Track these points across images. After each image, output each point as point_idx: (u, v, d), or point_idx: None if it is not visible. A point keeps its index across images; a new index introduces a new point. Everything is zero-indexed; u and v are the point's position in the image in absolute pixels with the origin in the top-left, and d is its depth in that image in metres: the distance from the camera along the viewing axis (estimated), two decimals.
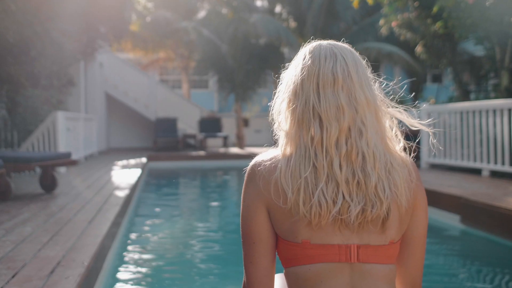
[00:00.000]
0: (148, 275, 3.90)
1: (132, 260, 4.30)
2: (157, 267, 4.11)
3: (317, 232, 1.24)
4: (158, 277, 3.86)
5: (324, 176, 1.23)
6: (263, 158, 1.34)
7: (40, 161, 5.47)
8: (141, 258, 4.39)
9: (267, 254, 1.33)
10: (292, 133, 1.30)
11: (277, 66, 18.95)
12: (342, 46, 1.35)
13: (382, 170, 1.26)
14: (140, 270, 4.04)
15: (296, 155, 1.27)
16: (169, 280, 3.81)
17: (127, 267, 4.09)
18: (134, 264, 4.18)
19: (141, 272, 3.98)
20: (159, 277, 3.86)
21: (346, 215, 1.22)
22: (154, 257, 4.41)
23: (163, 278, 3.87)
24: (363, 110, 1.28)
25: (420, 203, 1.35)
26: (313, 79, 1.28)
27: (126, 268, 4.06)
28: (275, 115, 1.37)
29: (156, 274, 3.93)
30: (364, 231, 1.25)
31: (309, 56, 1.32)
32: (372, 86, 1.34)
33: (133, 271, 4.01)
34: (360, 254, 1.25)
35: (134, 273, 3.97)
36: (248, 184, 1.33)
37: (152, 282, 3.74)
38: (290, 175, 1.25)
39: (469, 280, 3.91)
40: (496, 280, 3.88)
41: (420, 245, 1.37)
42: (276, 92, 1.39)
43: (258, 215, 1.31)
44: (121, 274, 3.86)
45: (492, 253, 4.55)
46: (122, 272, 3.93)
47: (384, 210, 1.23)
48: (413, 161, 1.39)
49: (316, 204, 1.21)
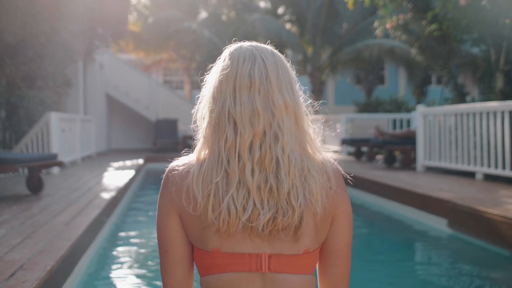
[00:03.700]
0: (125, 280, 3.86)
1: (111, 264, 4.26)
2: (137, 273, 4.07)
3: (227, 240, 1.19)
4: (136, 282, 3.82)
5: (236, 182, 1.18)
6: (177, 163, 1.29)
7: (24, 163, 5.45)
8: (120, 261, 4.35)
9: (182, 262, 1.28)
10: (207, 137, 1.26)
11: None
12: (263, 48, 1.30)
13: (297, 176, 1.20)
14: (117, 274, 4.00)
15: (209, 160, 1.22)
16: (146, 286, 3.77)
17: (104, 271, 4.05)
18: (112, 268, 4.14)
19: (118, 277, 3.94)
20: (137, 282, 3.82)
21: (256, 222, 1.17)
22: (134, 263, 4.37)
23: (140, 283, 3.82)
24: (280, 114, 1.22)
25: (342, 211, 1.28)
26: (230, 82, 1.24)
27: (103, 272, 4.02)
28: (199, 120, 1.32)
29: (134, 279, 3.89)
30: (276, 239, 1.20)
31: (228, 58, 1.28)
32: (294, 90, 1.28)
33: (111, 275, 3.98)
34: (272, 264, 1.20)
35: (111, 277, 3.93)
36: (162, 190, 1.29)
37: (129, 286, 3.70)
38: (201, 180, 1.20)
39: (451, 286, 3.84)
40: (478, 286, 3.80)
41: (343, 255, 1.31)
42: (200, 96, 1.35)
43: (170, 222, 1.27)
44: (95, 278, 3.82)
45: (477, 258, 4.47)
46: (97, 276, 3.89)
47: (296, 218, 1.18)
48: (338, 168, 1.31)
49: (225, 210, 1.16)
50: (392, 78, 25.36)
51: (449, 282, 3.94)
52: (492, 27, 7.34)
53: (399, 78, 25.28)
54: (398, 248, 5.10)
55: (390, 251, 5.01)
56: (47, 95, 9.38)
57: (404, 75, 23.43)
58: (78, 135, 10.84)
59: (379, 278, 4.02)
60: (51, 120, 8.54)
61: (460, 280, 3.96)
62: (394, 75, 24.81)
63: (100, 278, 3.87)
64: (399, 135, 9.64)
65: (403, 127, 12.48)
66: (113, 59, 17.97)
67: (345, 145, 12.57)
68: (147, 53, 20.34)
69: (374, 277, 4.07)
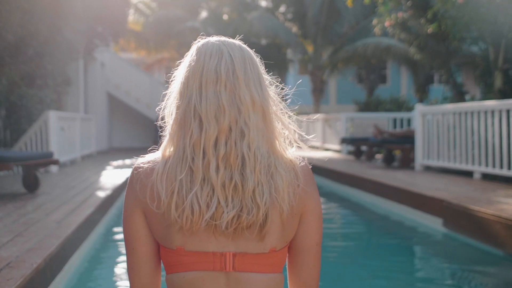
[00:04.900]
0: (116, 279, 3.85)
1: (102, 263, 4.26)
2: None
3: (191, 238, 1.18)
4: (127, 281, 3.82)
5: (200, 179, 1.17)
6: (143, 161, 1.28)
7: (19, 161, 5.45)
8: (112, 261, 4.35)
9: (148, 260, 1.27)
10: (173, 134, 1.24)
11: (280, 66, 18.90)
12: (231, 42, 1.28)
13: (262, 173, 1.18)
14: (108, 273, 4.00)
15: (174, 157, 1.21)
16: None
17: (95, 270, 4.05)
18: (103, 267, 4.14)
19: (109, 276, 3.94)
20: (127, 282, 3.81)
21: (220, 220, 1.16)
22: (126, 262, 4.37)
23: None
24: (247, 111, 1.20)
25: (311, 210, 1.26)
26: (196, 77, 1.22)
27: (94, 271, 4.02)
28: (167, 116, 1.30)
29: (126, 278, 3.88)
30: (240, 238, 1.18)
31: (195, 54, 1.26)
32: (263, 86, 1.26)
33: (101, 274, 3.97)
34: (236, 263, 1.19)
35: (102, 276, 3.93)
36: (128, 188, 1.28)
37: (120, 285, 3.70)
38: (165, 178, 1.19)
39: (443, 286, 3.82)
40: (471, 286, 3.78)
41: (312, 253, 1.29)
42: (168, 92, 1.34)
43: (135, 220, 1.26)
44: (85, 276, 3.82)
45: (471, 258, 4.45)
46: (88, 274, 3.88)
47: (261, 216, 1.16)
48: (307, 166, 1.29)
49: (188, 208, 1.15)
50: (394, 77, 25.30)
51: (443, 281, 3.92)
52: (491, 26, 7.30)
53: (401, 77, 25.22)
54: (393, 247, 5.08)
55: (385, 250, 4.99)
56: (46, 93, 9.40)
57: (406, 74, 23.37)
58: (77, 134, 10.85)
59: (373, 276, 4.01)
60: (50, 119, 8.55)
61: (453, 279, 3.95)
62: (396, 74, 24.76)
63: (91, 277, 3.87)
64: (399, 134, 9.61)
65: (404, 126, 12.45)
66: (114, 58, 17.99)
67: (344, 144, 12.54)
68: (148, 52, 20.36)
69: (369, 275, 4.06)
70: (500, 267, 4.15)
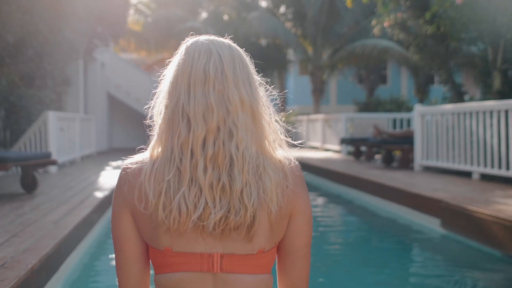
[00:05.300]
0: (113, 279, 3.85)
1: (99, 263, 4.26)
2: None
3: (179, 239, 1.17)
4: None
5: (188, 180, 1.16)
6: (131, 161, 1.27)
7: (16, 161, 5.45)
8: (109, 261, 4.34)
9: (136, 261, 1.27)
10: (161, 134, 1.24)
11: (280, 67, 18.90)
12: (221, 41, 1.27)
13: (251, 174, 1.17)
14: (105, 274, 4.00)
15: (162, 158, 1.20)
16: None
17: (92, 270, 4.05)
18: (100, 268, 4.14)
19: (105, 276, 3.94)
20: None
21: (207, 221, 1.15)
22: None
23: None
24: (235, 111, 1.19)
25: (300, 211, 1.25)
26: (185, 77, 1.21)
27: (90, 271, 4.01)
28: (156, 116, 1.30)
29: None
30: (228, 239, 1.18)
31: (184, 52, 1.26)
32: (252, 85, 1.25)
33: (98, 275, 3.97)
34: (224, 264, 1.18)
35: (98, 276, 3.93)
36: (116, 188, 1.28)
37: None
38: (153, 178, 1.18)
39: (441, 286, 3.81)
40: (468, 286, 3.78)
41: (302, 255, 1.28)
42: (158, 91, 1.33)
43: (124, 221, 1.25)
44: (81, 277, 3.81)
45: (469, 259, 4.44)
46: (84, 275, 3.88)
47: (249, 217, 1.15)
48: (297, 166, 1.28)
49: (175, 208, 1.14)
50: (394, 78, 25.28)
51: (440, 282, 3.91)
52: (490, 26, 7.29)
53: (401, 77, 25.20)
54: (391, 248, 5.07)
55: (382, 250, 4.99)
56: (45, 94, 9.40)
57: (406, 74, 23.35)
58: (77, 134, 10.85)
59: (371, 277, 4.01)
60: (49, 119, 8.55)
61: (450, 280, 3.94)
62: (396, 74, 24.73)
63: (87, 277, 3.87)
64: (398, 135, 9.59)
65: (404, 127, 12.44)
66: (114, 58, 18.00)
67: (344, 145, 12.53)
68: (149, 53, 20.36)
69: (367, 275, 4.05)
70: (498, 268, 4.15)
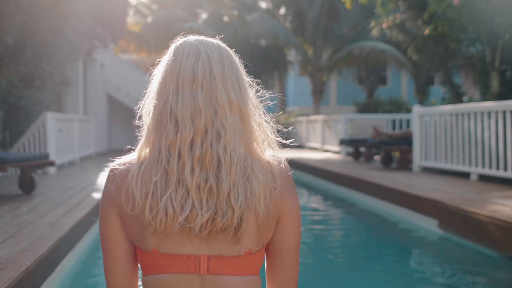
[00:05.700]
0: None
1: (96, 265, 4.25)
2: None
3: (165, 240, 1.17)
4: None
5: (175, 181, 1.16)
6: (119, 162, 1.28)
7: (14, 162, 5.45)
8: None
9: (124, 262, 1.27)
10: (149, 135, 1.24)
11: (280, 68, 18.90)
12: (210, 42, 1.26)
13: (238, 175, 1.17)
14: (100, 274, 3.99)
15: (149, 159, 1.20)
16: None
17: (88, 272, 4.04)
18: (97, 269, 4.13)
19: (101, 276, 3.93)
20: None
21: (194, 223, 1.15)
22: None
23: None
24: (224, 112, 1.19)
25: (289, 213, 1.24)
26: (173, 78, 1.21)
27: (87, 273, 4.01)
28: (144, 116, 1.30)
29: None
30: (215, 241, 1.17)
31: (173, 53, 1.25)
32: (242, 86, 1.24)
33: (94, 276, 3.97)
34: (211, 265, 1.18)
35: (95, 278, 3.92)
36: (104, 189, 1.28)
37: None
38: (140, 179, 1.18)
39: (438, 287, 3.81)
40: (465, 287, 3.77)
41: (290, 256, 1.28)
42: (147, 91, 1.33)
43: (111, 222, 1.25)
44: (77, 279, 3.81)
45: (466, 260, 4.44)
46: (80, 276, 3.88)
47: (236, 219, 1.15)
48: (286, 167, 1.27)
49: (162, 210, 1.14)
50: (394, 79, 25.28)
51: (437, 283, 3.91)
52: (488, 27, 7.29)
53: (401, 78, 25.20)
54: (389, 249, 5.07)
55: (380, 251, 4.98)
56: (45, 94, 9.40)
57: (406, 75, 23.34)
58: (76, 135, 10.85)
59: (369, 277, 4.00)
60: (48, 120, 8.54)
61: (448, 281, 3.93)
62: (396, 75, 24.72)
63: (83, 279, 3.86)
64: (397, 136, 9.59)
65: (403, 128, 12.43)
66: (114, 59, 18.01)
67: (343, 146, 12.53)
68: (149, 53, 20.36)
69: (365, 276, 4.05)
70: (495, 269, 4.14)
